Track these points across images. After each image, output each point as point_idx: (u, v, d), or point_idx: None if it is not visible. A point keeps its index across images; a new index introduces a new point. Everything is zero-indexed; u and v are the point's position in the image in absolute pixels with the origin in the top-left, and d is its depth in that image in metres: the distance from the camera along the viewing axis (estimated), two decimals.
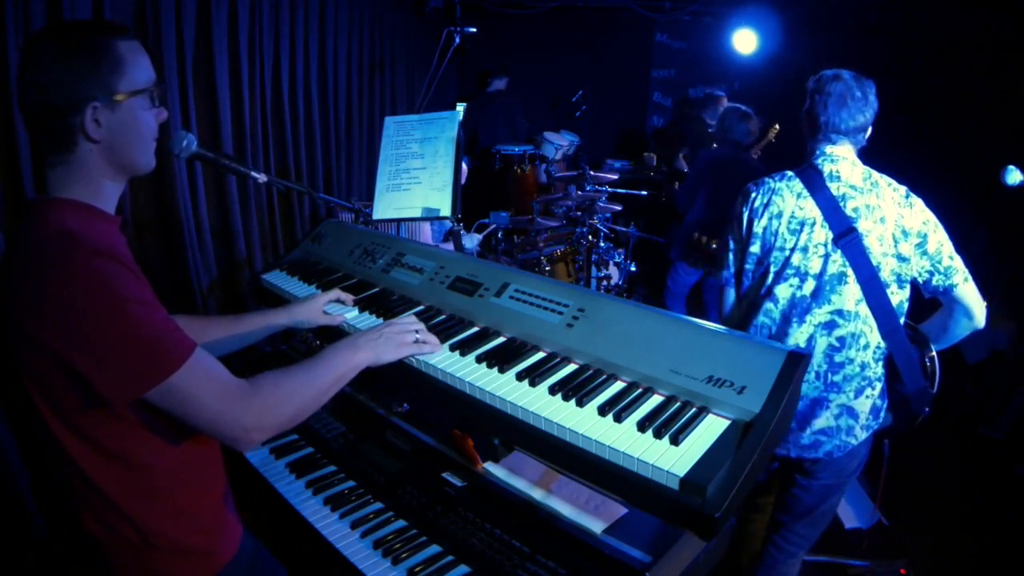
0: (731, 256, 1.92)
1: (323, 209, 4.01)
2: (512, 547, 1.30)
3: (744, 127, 3.65)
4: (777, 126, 4.48)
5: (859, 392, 1.71)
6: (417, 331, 1.30)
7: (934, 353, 1.83)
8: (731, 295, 1.95)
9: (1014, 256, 3.81)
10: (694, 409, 1.06)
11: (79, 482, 1.03)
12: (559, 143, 5.20)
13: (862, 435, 1.74)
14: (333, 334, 1.50)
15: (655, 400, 1.11)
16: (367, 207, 2.18)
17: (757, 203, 1.83)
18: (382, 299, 1.57)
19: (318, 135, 4.07)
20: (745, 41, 5.32)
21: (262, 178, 1.75)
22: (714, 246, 3.01)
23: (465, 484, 1.46)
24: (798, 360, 1.06)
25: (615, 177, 4.47)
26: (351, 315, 1.50)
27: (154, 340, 0.94)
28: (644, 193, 5.01)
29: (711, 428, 1.03)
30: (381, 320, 1.46)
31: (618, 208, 4.22)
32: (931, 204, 1.76)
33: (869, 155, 1.80)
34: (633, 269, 4.27)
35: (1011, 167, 2.43)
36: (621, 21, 6.08)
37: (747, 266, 1.86)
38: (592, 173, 4.25)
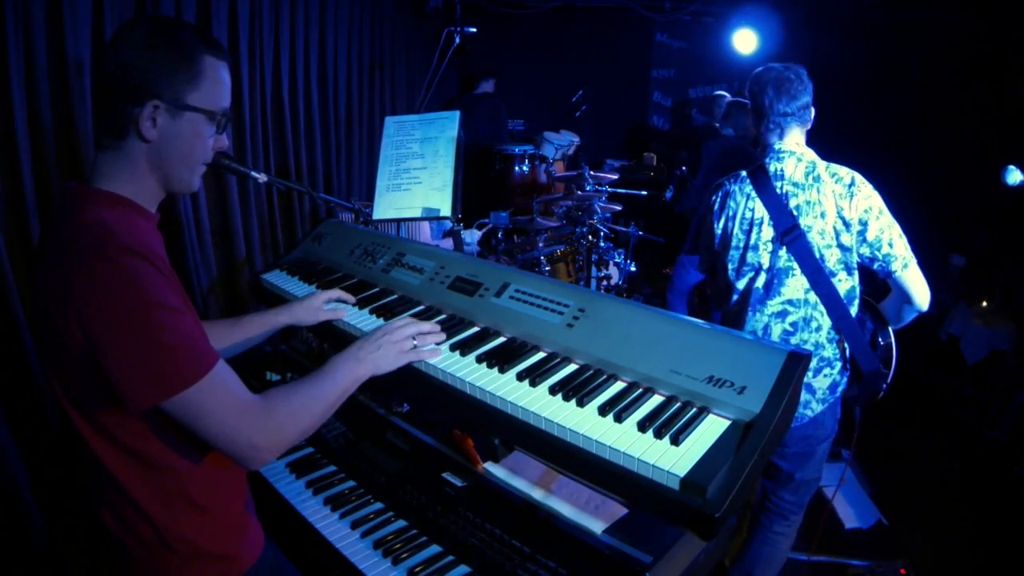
0: (695, 239, 2.09)
1: (323, 209, 4.01)
2: (512, 547, 1.30)
3: (747, 120, 3.70)
4: None
5: (817, 371, 1.83)
6: (415, 336, 1.29)
7: (891, 336, 1.91)
8: (686, 271, 2.16)
9: (1014, 256, 3.81)
10: (694, 409, 1.06)
11: (100, 477, 1.02)
12: (559, 143, 5.19)
13: (818, 408, 1.84)
14: (332, 333, 1.50)
15: (655, 400, 1.11)
16: (367, 207, 2.18)
17: (716, 206, 1.95)
18: (382, 299, 1.57)
19: (318, 135, 4.06)
20: (745, 41, 5.33)
21: (262, 178, 1.75)
22: None
23: (465, 484, 1.45)
24: (799, 360, 1.06)
25: (615, 177, 4.47)
26: (351, 314, 1.50)
27: (176, 349, 0.92)
28: (644, 193, 5.01)
29: (711, 428, 1.03)
30: (381, 320, 1.46)
31: (618, 208, 4.22)
32: (930, 204, 1.78)
33: (869, 153, 1.81)
34: (633, 269, 4.26)
35: (1011, 167, 2.43)
36: (621, 21, 6.09)
37: (716, 260, 1.99)
38: (592, 173, 4.24)
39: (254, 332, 1.44)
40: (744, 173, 1.89)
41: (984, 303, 3.86)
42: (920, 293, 1.78)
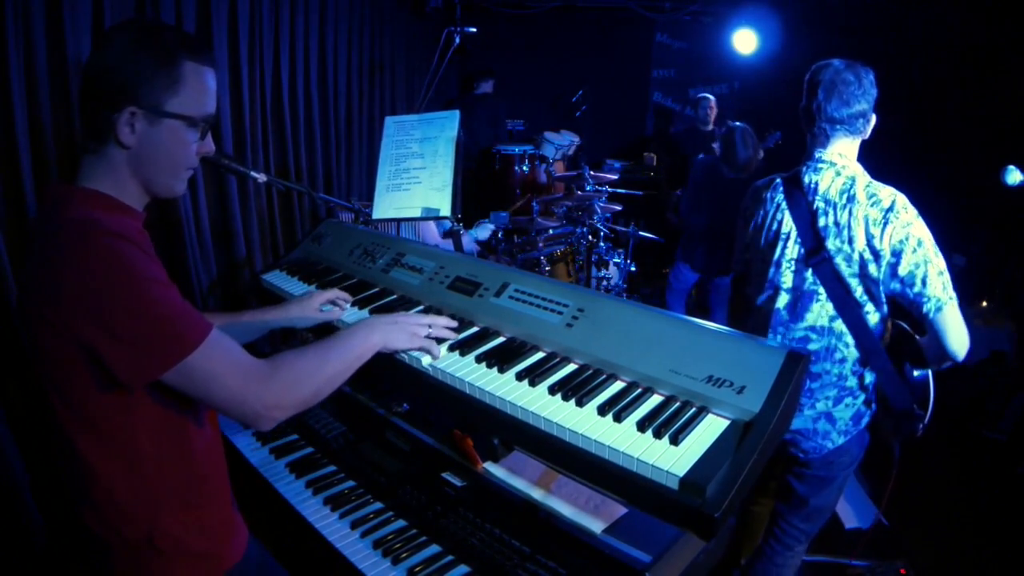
0: (736, 252, 1.98)
1: (323, 209, 4.01)
2: (512, 547, 1.30)
3: (744, 154, 3.51)
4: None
5: (838, 400, 1.70)
6: (430, 325, 1.31)
7: (928, 374, 1.71)
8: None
9: (1014, 256, 3.81)
10: (694, 409, 1.06)
11: (83, 477, 1.02)
12: (559, 143, 5.19)
13: (839, 439, 1.72)
14: (332, 332, 1.50)
15: (655, 400, 1.11)
16: (367, 207, 2.18)
17: (750, 210, 1.84)
18: (382, 299, 1.57)
19: (318, 135, 4.06)
20: (745, 41, 5.33)
21: (262, 178, 1.75)
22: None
23: (465, 484, 1.46)
24: (798, 360, 1.06)
25: (615, 177, 4.47)
26: (349, 314, 1.50)
27: (172, 319, 0.94)
28: (644, 193, 5.01)
29: (711, 428, 1.03)
30: None
31: (618, 208, 4.22)
32: (930, 204, 1.72)
33: (868, 153, 1.76)
34: (633, 269, 4.27)
35: (1011, 167, 2.43)
36: (621, 21, 6.09)
37: (745, 268, 1.90)
38: (592, 173, 4.25)
39: (250, 329, 1.45)
40: (779, 180, 1.77)
41: (984, 303, 3.87)
42: (954, 340, 1.57)
